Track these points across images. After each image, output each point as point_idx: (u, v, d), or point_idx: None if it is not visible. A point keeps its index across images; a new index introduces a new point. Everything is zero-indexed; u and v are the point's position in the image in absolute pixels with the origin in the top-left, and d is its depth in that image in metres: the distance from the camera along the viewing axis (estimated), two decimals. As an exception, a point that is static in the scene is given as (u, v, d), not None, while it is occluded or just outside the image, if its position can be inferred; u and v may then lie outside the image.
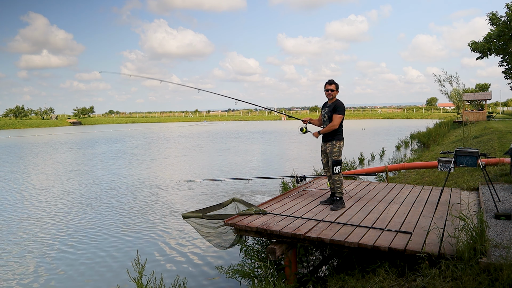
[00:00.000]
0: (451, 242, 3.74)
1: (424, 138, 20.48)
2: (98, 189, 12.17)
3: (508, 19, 14.25)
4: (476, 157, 4.94)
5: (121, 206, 9.85)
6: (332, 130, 5.31)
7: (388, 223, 4.58)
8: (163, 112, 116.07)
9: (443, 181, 6.92)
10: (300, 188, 6.81)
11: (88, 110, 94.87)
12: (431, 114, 74.86)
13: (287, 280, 4.45)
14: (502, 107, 73.70)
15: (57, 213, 9.34)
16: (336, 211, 5.19)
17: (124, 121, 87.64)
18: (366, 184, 7.19)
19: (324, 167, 5.64)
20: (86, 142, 32.24)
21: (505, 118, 35.72)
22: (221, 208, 5.51)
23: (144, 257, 5.26)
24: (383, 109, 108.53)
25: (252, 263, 4.90)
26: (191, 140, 32.36)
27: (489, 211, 4.91)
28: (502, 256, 3.28)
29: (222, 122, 77.05)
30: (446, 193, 6.09)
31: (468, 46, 16.40)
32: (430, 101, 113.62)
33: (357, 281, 3.73)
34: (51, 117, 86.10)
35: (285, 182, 8.92)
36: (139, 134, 42.27)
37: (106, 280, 5.68)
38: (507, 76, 18.54)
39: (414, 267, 3.61)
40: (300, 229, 4.40)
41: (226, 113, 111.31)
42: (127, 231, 7.87)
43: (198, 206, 8.93)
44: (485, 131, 17.48)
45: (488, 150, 10.96)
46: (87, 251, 6.81)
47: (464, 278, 3.10)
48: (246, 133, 40.17)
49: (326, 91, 5.42)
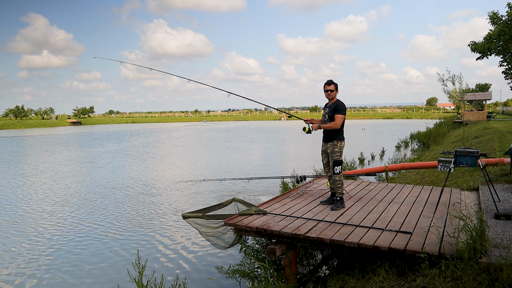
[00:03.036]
0: (451, 242, 3.74)
1: (424, 138, 20.47)
2: (97, 189, 12.17)
3: (509, 18, 14.24)
4: (476, 157, 4.93)
5: (121, 206, 9.85)
6: (333, 129, 5.31)
7: (388, 223, 4.58)
8: (163, 112, 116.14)
9: (443, 181, 6.92)
10: (300, 188, 6.81)
11: (88, 110, 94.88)
12: (431, 114, 74.84)
13: (287, 280, 4.45)
14: (502, 107, 73.64)
15: (57, 213, 9.34)
16: (336, 211, 5.19)
17: (124, 121, 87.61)
18: (366, 184, 7.19)
19: (324, 167, 5.64)
20: (86, 142, 32.23)
21: (505, 118, 35.72)
22: (221, 208, 5.51)
23: (145, 257, 5.26)
24: (383, 109, 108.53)
25: (252, 263, 4.90)
26: (191, 140, 32.37)
27: (489, 211, 4.90)
28: (502, 256, 3.28)
29: (222, 122, 77.04)
30: (446, 193, 6.09)
31: (468, 47, 16.39)
32: (430, 101, 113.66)
33: (357, 281, 3.73)
34: (51, 117, 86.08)
35: (285, 182, 8.92)
36: (139, 134, 42.27)
37: (106, 280, 5.68)
38: (507, 76, 18.53)
39: (414, 267, 3.61)
40: (300, 229, 4.40)
41: (226, 113, 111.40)
42: (127, 231, 7.87)
43: (198, 206, 8.93)
44: (485, 131, 17.48)
45: (488, 150, 10.96)
46: (87, 251, 6.81)
47: (464, 278, 3.10)
48: (245, 133, 40.17)
49: (325, 92, 5.42)
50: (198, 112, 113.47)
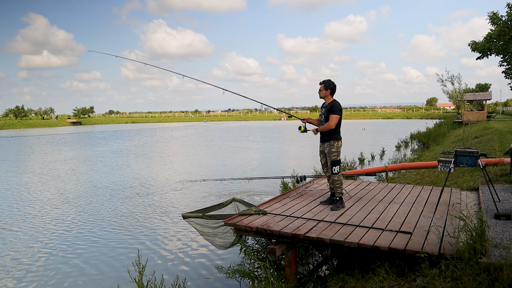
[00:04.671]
0: (451, 242, 3.74)
1: (424, 138, 20.48)
2: (97, 189, 12.16)
3: (509, 18, 14.23)
4: (476, 157, 4.93)
5: (121, 206, 9.85)
6: (328, 130, 5.32)
7: (388, 223, 4.58)
8: (163, 112, 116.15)
9: (443, 181, 6.92)
10: (300, 188, 6.81)
11: (88, 110, 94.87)
12: (431, 114, 74.83)
13: (287, 280, 4.45)
14: (502, 107, 73.63)
15: (57, 213, 9.34)
16: (336, 211, 5.19)
17: (124, 121, 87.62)
18: (366, 184, 7.19)
19: (323, 167, 5.64)
20: (86, 142, 32.23)
21: (505, 118, 35.71)
22: (221, 208, 5.51)
23: (145, 257, 5.26)
24: (383, 109, 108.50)
25: (252, 263, 4.90)
26: (191, 139, 32.37)
27: (489, 211, 4.90)
28: (502, 256, 3.28)
29: (222, 122, 77.04)
30: (446, 193, 6.09)
31: (468, 46, 16.38)
32: (430, 101, 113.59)
33: (357, 281, 3.73)
34: (51, 117, 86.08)
35: (285, 182, 8.92)
36: (139, 134, 42.27)
37: (106, 280, 5.68)
38: (507, 76, 18.53)
39: (414, 267, 3.60)
40: (300, 229, 4.40)
41: (226, 113, 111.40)
42: (127, 231, 7.87)
43: (198, 206, 8.92)
44: (485, 131, 17.48)
45: (488, 150, 10.96)
46: (87, 251, 6.81)
47: (464, 278, 3.10)
48: (247, 132, 40.18)
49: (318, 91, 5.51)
50: (198, 112, 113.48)
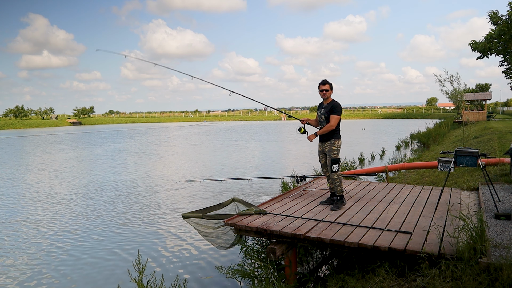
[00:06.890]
0: (451, 242, 3.74)
1: (424, 138, 20.48)
2: (97, 189, 12.16)
3: (509, 18, 14.22)
4: (476, 157, 4.93)
5: (121, 206, 9.85)
6: (329, 130, 5.32)
7: (388, 223, 4.58)
8: (163, 112, 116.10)
9: (443, 181, 6.92)
10: (300, 188, 6.81)
11: (88, 110, 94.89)
12: (431, 114, 74.83)
13: (287, 280, 4.45)
14: (502, 107, 73.60)
15: (57, 213, 9.34)
16: (336, 211, 5.19)
17: (124, 121, 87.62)
18: (366, 184, 7.19)
19: (322, 167, 5.63)
20: (86, 141, 32.23)
21: (505, 118, 35.72)
22: (221, 208, 5.51)
23: (145, 257, 5.27)
24: (383, 109, 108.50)
25: (252, 263, 4.90)
26: (191, 139, 32.36)
27: (489, 211, 4.90)
28: (502, 256, 3.28)
29: (222, 122, 77.04)
30: (446, 193, 6.09)
31: (469, 46, 16.38)
32: (430, 101, 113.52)
33: (357, 281, 3.73)
34: (51, 117, 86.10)
35: (285, 182, 8.92)
36: (139, 134, 42.26)
37: (106, 280, 5.68)
38: (507, 76, 18.54)
39: (414, 267, 3.61)
40: (300, 229, 4.40)
41: (226, 113, 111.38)
42: (127, 231, 7.87)
43: (198, 206, 8.92)
44: (485, 131, 17.48)
45: (488, 150, 10.96)
46: (88, 251, 6.81)
47: (464, 278, 3.10)
48: (248, 132, 40.18)
49: (320, 92, 5.43)
50: (198, 112, 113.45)
